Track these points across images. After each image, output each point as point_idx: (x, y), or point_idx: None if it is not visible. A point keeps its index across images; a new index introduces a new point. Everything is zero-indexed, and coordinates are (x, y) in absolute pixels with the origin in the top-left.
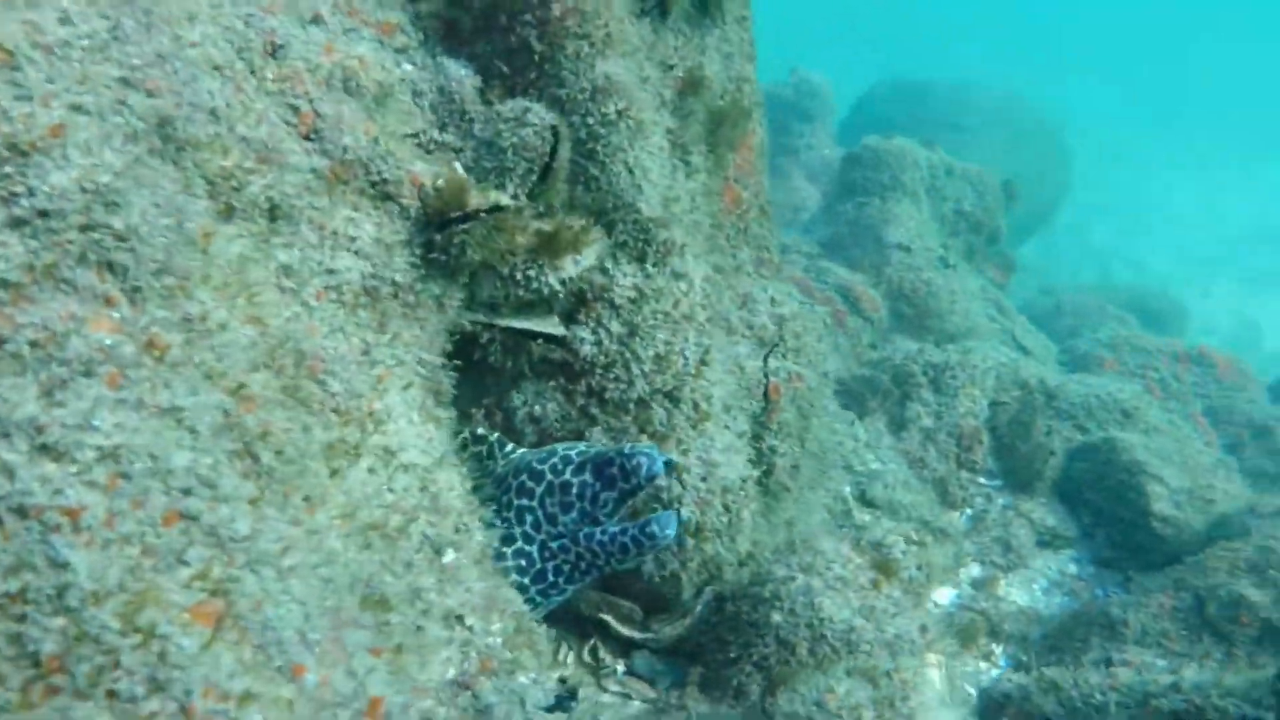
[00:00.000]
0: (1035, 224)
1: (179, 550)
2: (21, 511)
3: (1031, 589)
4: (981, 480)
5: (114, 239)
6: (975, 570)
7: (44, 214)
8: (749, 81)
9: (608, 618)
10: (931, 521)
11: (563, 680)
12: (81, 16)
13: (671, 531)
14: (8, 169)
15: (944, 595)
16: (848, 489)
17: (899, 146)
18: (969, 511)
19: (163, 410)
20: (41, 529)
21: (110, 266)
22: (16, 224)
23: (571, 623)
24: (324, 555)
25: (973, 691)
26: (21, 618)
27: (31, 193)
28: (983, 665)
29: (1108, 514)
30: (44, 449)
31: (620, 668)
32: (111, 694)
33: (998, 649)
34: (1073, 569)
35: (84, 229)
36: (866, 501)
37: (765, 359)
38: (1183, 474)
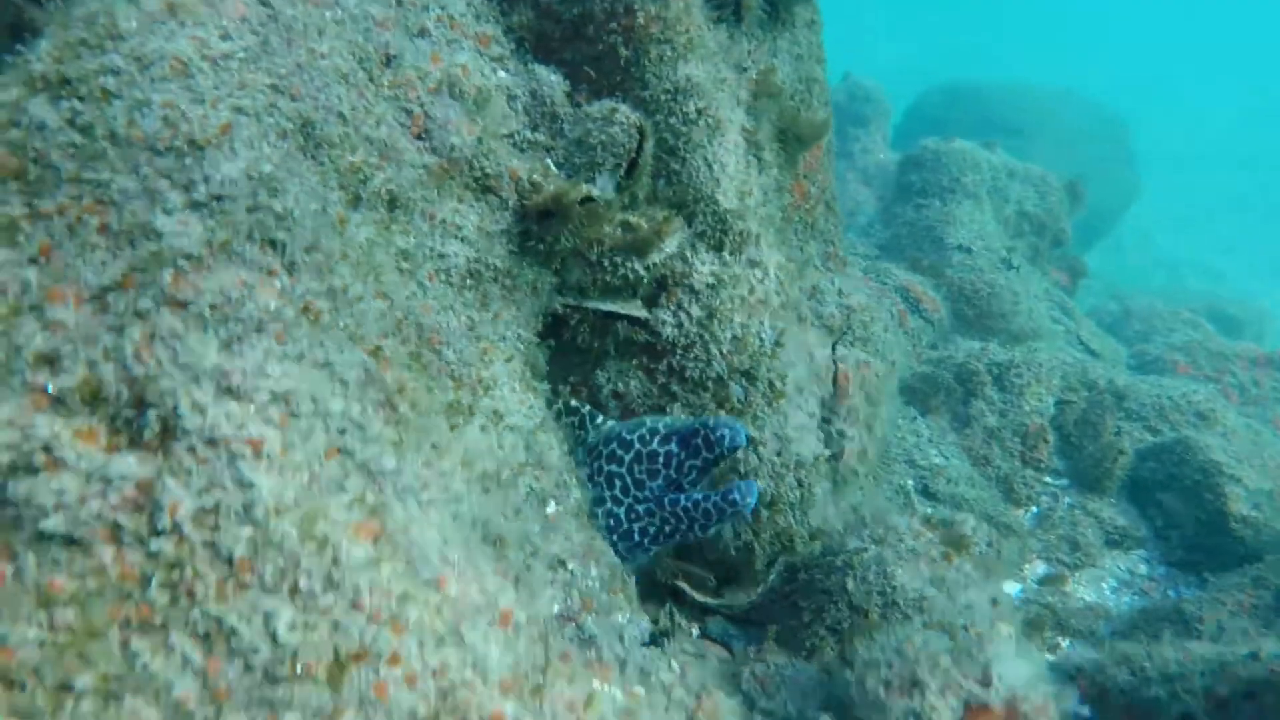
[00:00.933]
0: (1100, 229)
1: (339, 479)
2: (212, 442)
3: (1100, 588)
4: (1047, 479)
5: (275, 219)
6: (1041, 568)
7: (218, 198)
8: (818, 82)
9: (682, 584)
10: (996, 517)
11: (655, 622)
12: (238, 33)
13: (753, 499)
14: (188, 160)
15: (1009, 589)
16: (910, 482)
17: (959, 148)
18: (1034, 509)
19: (319, 364)
20: (229, 456)
21: (272, 243)
22: (196, 206)
23: (647, 588)
24: (452, 495)
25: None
26: (215, 527)
27: (207, 180)
28: (1049, 658)
29: (1181, 514)
30: (227, 391)
31: (694, 631)
32: (294, 590)
33: (1064, 643)
34: (1143, 569)
35: (250, 210)
36: (929, 495)
37: (834, 347)
38: (1262, 475)
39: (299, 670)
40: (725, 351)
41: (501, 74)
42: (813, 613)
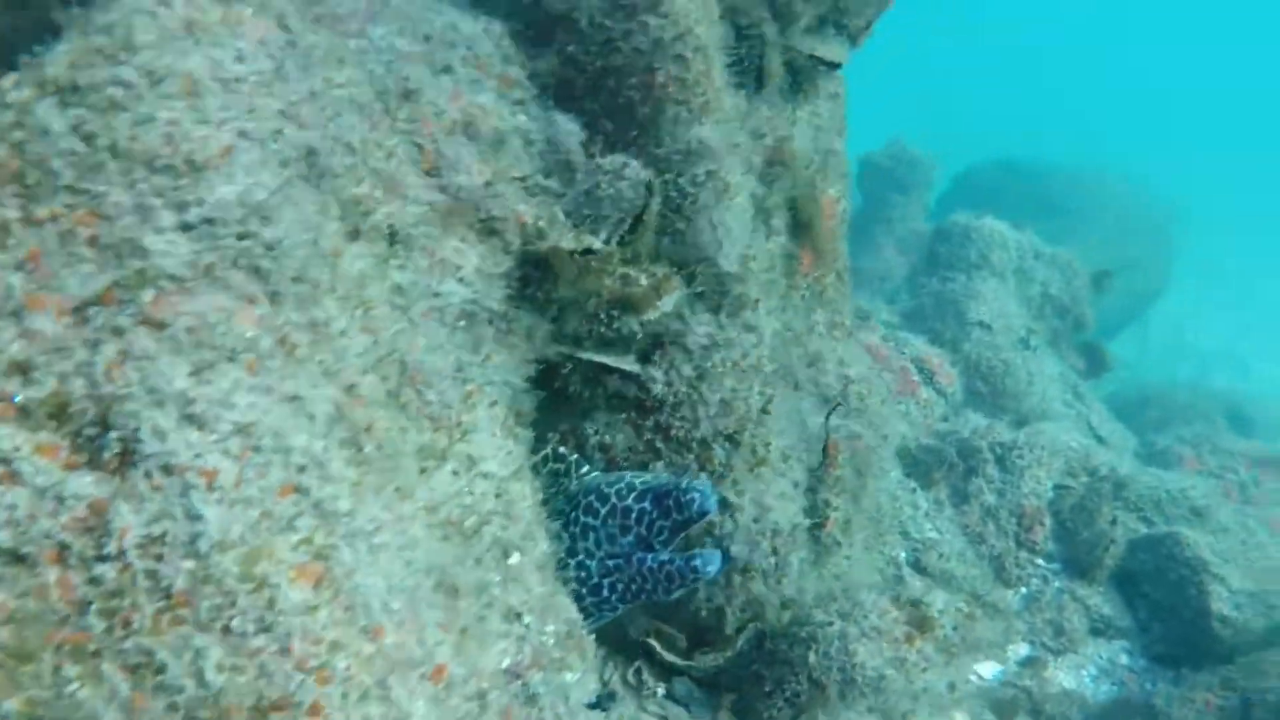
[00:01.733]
0: (1131, 316)
1: (291, 517)
2: (168, 469)
3: (1080, 675)
4: (1040, 562)
5: (263, 248)
6: (1024, 649)
7: (209, 221)
8: (836, 154)
9: (653, 643)
10: (983, 595)
11: (604, 683)
12: (253, 56)
13: (714, 568)
14: (184, 180)
15: (988, 669)
16: (902, 554)
17: (988, 226)
18: (1024, 591)
19: (288, 397)
20: (183, 485)
21: (257, 271)
22: (186, 227)
23: (620, 644)
24: (408, 540)
25: None
26: (159, 557)
27: (200, 202)
28: None
29: (1165, 608)
30: (190, 419)
31: (661, 691)
32: (226, 629)
33: None
34: (1124, 660)
35: (240, 237)
36: (920, 569)
37: (827, 416)
38: (1247, 577)
39: (219, 715)
40: (712, 414)
41: (521, 117)
42: (774, 683)
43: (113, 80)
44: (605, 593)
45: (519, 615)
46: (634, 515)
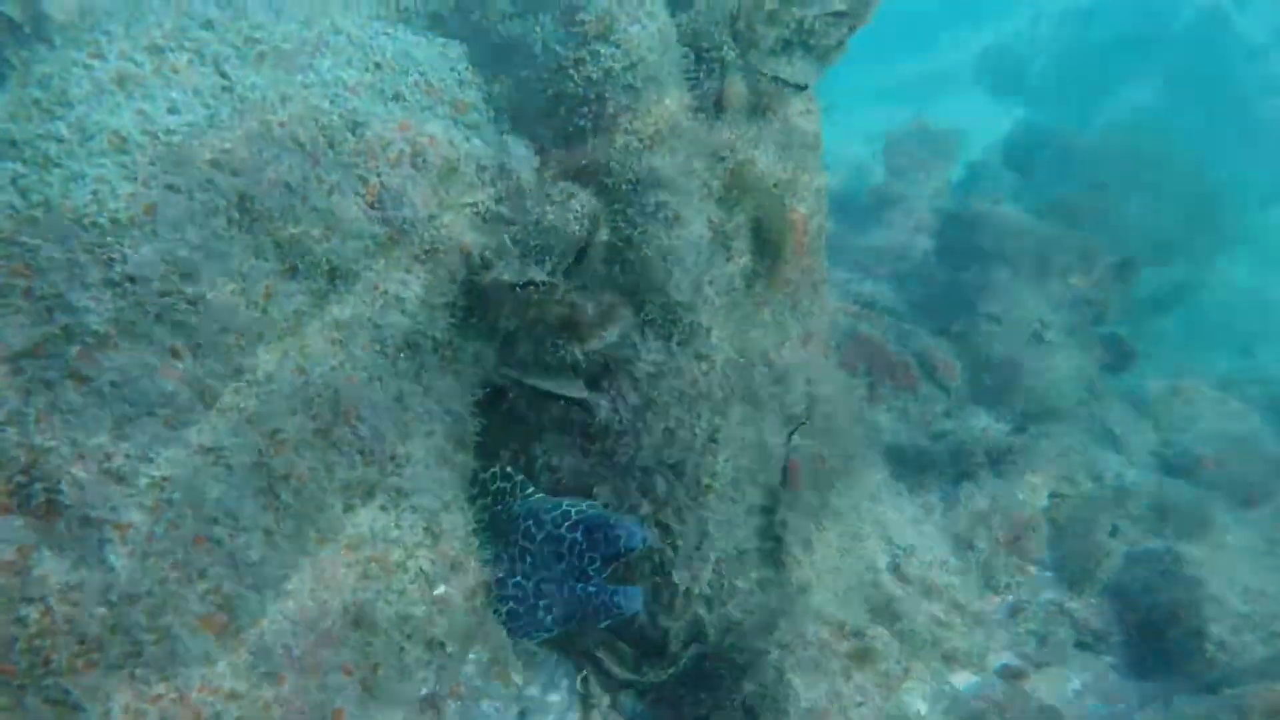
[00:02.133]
0: (1177, 295)
1: (201, 568)
2: (86, 521)
3: (1063, 689)
4: (1031, 570)
5: (186, 303)
6: (1006, 659)
7: (131, 279)
8: (808, 171)
9: (601, 654)
10: (964, 605)
11: (522, 714)
12: (186, 106)
13: (636, 607)
14: (109, 239)
15: (964, 679)
16: (883, 559)
17: (1006, 213)
18: (1010, 600)
19: (205, 449)
20: (99, 538)
21: (180, 326)
22: (110, 284)
23: (570, 651)
24: (323, 582)
25: None
26: (76, 604)
27: (124, 260)
28: None
29: (1157, 626)
30: (108, 473)
31: (606, 701)
32: (132, 675)
33: None
34: (1111, 676)
35: (162, 294)
36: (900, 575)
37: (788, 437)
38: (1246, 599)
39: None
40: (656, 443)
41: (476, 142)
42: (710, 707)
43: (48, 135)
44: (540, 614)
45: (441, 644)
46: (566, 544)
